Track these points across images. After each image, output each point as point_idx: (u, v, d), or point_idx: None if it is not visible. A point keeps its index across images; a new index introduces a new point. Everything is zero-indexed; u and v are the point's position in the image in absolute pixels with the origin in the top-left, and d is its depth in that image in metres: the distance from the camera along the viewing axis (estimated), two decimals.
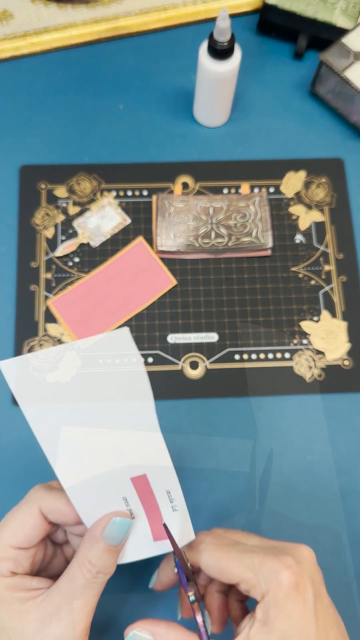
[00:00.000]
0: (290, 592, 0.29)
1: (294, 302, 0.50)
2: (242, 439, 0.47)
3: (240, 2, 0.59)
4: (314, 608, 0.29)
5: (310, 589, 0.30)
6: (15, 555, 0.32)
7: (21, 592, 0.31)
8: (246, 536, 0.34)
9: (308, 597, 0.29)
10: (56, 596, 0.31)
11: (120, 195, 0.53)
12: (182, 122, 0.56)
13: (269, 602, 0.29)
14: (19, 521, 0.32)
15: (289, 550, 0.31)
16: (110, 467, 0.32)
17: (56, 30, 0.57)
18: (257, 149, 0.55)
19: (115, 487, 0.33)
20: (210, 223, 0.52)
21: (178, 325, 0.50)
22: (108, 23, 0.58)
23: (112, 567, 0.32)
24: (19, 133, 0.55)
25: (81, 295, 0.50)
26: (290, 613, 0.29)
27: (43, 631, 0.30)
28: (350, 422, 0.47)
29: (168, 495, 0.33)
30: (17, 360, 0.30)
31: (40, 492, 0.33)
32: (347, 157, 0.55)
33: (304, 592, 0.29)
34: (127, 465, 0.32)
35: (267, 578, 0.30)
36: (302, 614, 0.29)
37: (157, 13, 0.58)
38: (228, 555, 0.31)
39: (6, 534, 0.32)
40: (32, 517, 0.32)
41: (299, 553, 0.31)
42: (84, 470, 0.32)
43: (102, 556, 0.31)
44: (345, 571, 0.44)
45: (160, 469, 0.32)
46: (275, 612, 0.29)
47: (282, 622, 0.29)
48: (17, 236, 0.51)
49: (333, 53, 0.53)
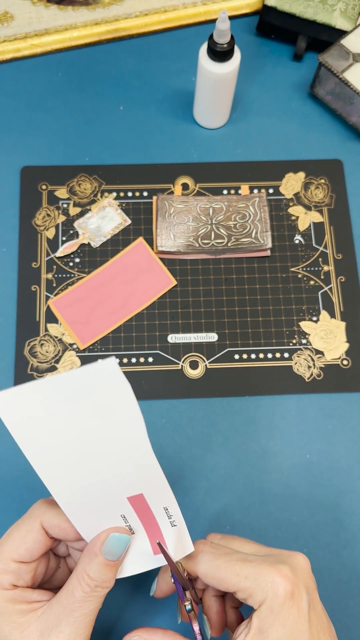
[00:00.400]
0: (286, 601, 0.30)
1: (293, 302, 0.51)
2: (241, 439, 0.47)
3: (239, 4, 0.59)
4: (307, 616, 0.30)
5: (305, 597, 0.31)
6: (17, 569, 0.32)
7: (22, 605, 0.31)
8: (242, 543, 0.35)
9: (303, 605, 0.30)
10: (56, 609, 0.31)
11: (121, 196, 0.53)
12: (182, 123, 0.56)
13: (265, 610, 0.30)
14: (20, 535, 0.33)
15: (284, 558, 0.32)
16: (106, 486, 0.32)
17: (57, 32, 0.57)
18: (256, 150, 0.56)
19: (112, 505, 0.33)
20: (210, 224, 0.52)
21: (178, 325, 0.50)
22: (108, 25, 0.58)
23: (110, 581, 0.32)
24: (20, 134, 0.55)
25: (82, 295, 0.50)
26: (285, 621, 0.30)
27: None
28: (349, 422, 0.48)
29: (166, 511, 0.33)
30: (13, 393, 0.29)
31: (43, 507, 0.34)
32: (346, 158, 0.55)
33: (299, 600, 0.30)
34: (123, 484, 0.32)
35: (263, 587, 0.30)
36: (296, 622, 0.30)
37: (157, 15, 0.58)
38: (225, 565, 0.32)
39: (8, 548, 0.32)
40: (33, 532, 0.33)
41: (294, 561, 0.32)
42: (79, 489, 0.32)
43: (100, 570, 0.31)
44: (343, 570, 0.44)
45: (156, 488, 0.32)
46: (271, 620, 0.30)
47: (277, 630, 0.30)
48: (18, 237, 0.52)
49: (332, 54, 0.53)
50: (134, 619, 0.42)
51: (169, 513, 0.33)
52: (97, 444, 0.31)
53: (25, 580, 0.33)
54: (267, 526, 0.45)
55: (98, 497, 0.32)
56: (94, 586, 0.31)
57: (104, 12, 0.58)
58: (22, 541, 0.32)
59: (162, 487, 0.32)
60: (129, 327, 0.50)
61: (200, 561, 0.33)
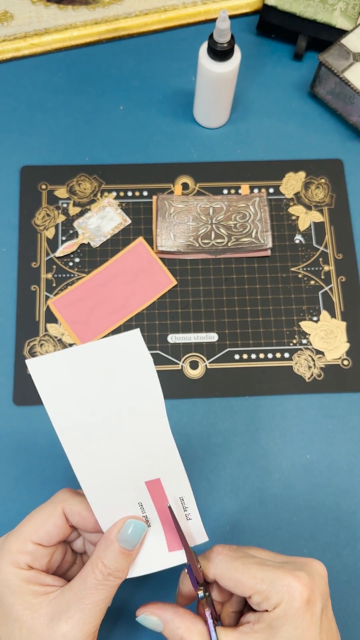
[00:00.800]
0: (302, 606, 0.30)
1: (294, 302, 0.51)
2: (242, 439, 0.47)
3: (240, 3, 0.59)
4: (320, 622, 0.31)
5: (319, 604, 0.31)
6: (34, 550, 0.33)
7: (36, 586, 0.32)
8: (258, 551, 0.35)
9: (316, 611, 0.31)
10: (68, 594, 0.31)
11: (121, 196, 0.53)
12: (182, 123, 0.56)
13: (279, 611, 0.30)
14: (42, 518, 0.33)
15: (302, 565, 0.32)
16: (126, 466, 0.33)
17: (56, 31, 0.57)
18: (256, 149, 0.55)
19: (131, 489, 0.33)
20: (210, 223, 0.52)
21: (178, 325, 0.50)
22: (108, 24, 0.58)
23: (124, 571, 0.32)
24: (20, 134, 0.55)
25: (81, 295, 0.50)
26: (297, 625, 0.30)
27: (51, 627, 0.31)
28: (349, 422, 0.48)
29: (182, 502, 0.34)
30: (45, 360, 0.31)
31: (66, 494, 0.35)
32: (347, 158, 0.55)
33: (313, 606, 0.30)
34: (142, 467, 0.33)
35: (280, 590, 0.30)
36: (308, 627, 0.30)
37: (157, 14, 0.58)
38: (242, 567, 0.32)
39: (28, 528, 0.33)
40: (55, 516, 0.33)
41: (312, 569, 0.32)
42: (101, 467, 0.33)
43: (115, 559, 0.32)
44: (343, 570, 0.44)
45: (173, 474, 0.33)
46: (283, 620, 0.30)
47: (288, 630, 0.30)
48: (18, 236, 0.52)
49: (332, 54, 0.53)
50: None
51: (184, 504, 0.34)
52: (119, 420, 0.32)
53: (41, 564, 0.33)
54: (267, 526, 0.45)
55: (118, 477, 0.33)
56: (106, 574, 0.31)
57: (103, 11, 0.58)
58: (42, 524, 0.33)
59: (179, 473, 0.33)
60: (129, 327, 0.49)
61: (217, 563, 0.33)
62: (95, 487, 0.33)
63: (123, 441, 0.32)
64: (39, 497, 0.45)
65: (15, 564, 0.32)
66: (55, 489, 0.45)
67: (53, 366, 0.31)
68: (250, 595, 0.31)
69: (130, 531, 0.33)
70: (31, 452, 0.46)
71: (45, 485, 0.45)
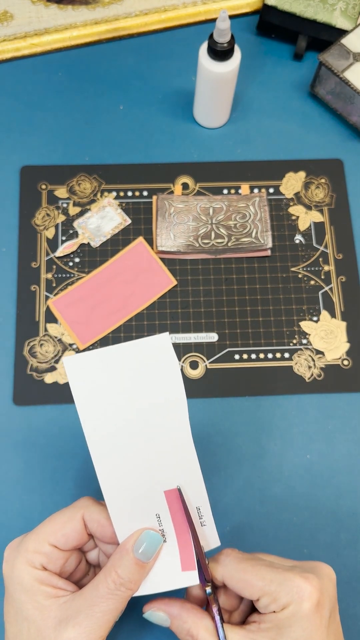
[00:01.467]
0: (311, 608, 0.30)
1: (294, 302, 0.51)
2: (242, 439, 0.47)
3: (240, 3, 0.59)
4: (327, 625, 0.31)
5: (328, 607, 0.31)
6: (50, 552, 0.33)
7: (48, 588, 0.32)
8: (267, 556, 0.35)
9: (325, 614, 0.31)
10: (78, 600, 0.32)
11: (121, 196, 0.53)
12: (182, 123, 0.56)
13: (287, 612, 0.30)
14: (61, 521, 0.34)
15: (311, 568, 0.32)
16: (147, 473, 0.33)
17: (56, 31, 0.57)
18: (256, 149, 0.55)
19: (150, 499, 0.33)
20: (210, 223, 0.52)
21: (178, 325, 0.50)
22: (108, 24, 0.58)
23: (136, 582, 0.32)
24: (20, 134, 0.55)
25: (81, 295, 0.50)
26: (305, 626, 0.30)
27: (58, 631, 0.31)
28: (350, 422, 0.48)
29: (198, 511, 0.34)
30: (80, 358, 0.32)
31: (88, 501, 0.35)
32: (347, 158, 0.55)
33: (322, 609, 0.31)
34: (162, 476, 0.33)
35: (289, 592, 0.31)
36: (316, 629, 0.30)
37: (157, 14, 0.58)
38: (251, 569, 0.32)
39: (47, 530, 0.33)
40: (74, 521, 0.34)
41: (321, 572, 0.32)
42: (124, 474, 0.33)
43: (129, 569, 0.32)
44: (343, 570, 0.44)
45: (191, 484, 0.33)
46: (292, 621, 0.30)
47: (295, 631, 0.30)
48: (18, 236, 0.52)
49: (332, 54, 0.53)
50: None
51: (200, 513, 0.34)
52: (144, 424, 0.33)
53: (55, 567, 0.33)
54: (268, 526, 0.45)
55: (139, 485, 0.33)
56: (119, 584, 0.31)
57: (103, 11, 0.58)
58: (61, 527, 0.33)
59: (197, 484, 0.33)
60: (129, 327, 0.49)
61: (226, 564, 0.33)
62: (116, 493, 0.33)
63: (146, 446, 0.33)
64: (39, 497, 0.45)
65: (31, 564, 0.32)
66: (55, 489, 0.45)
67: (87, 365, 0.32)
68: (259, 597, 0.31)
69: (146, 543, 0.33)
70: (31, 452, 0.46)
71: (45, 486, 0.45)
